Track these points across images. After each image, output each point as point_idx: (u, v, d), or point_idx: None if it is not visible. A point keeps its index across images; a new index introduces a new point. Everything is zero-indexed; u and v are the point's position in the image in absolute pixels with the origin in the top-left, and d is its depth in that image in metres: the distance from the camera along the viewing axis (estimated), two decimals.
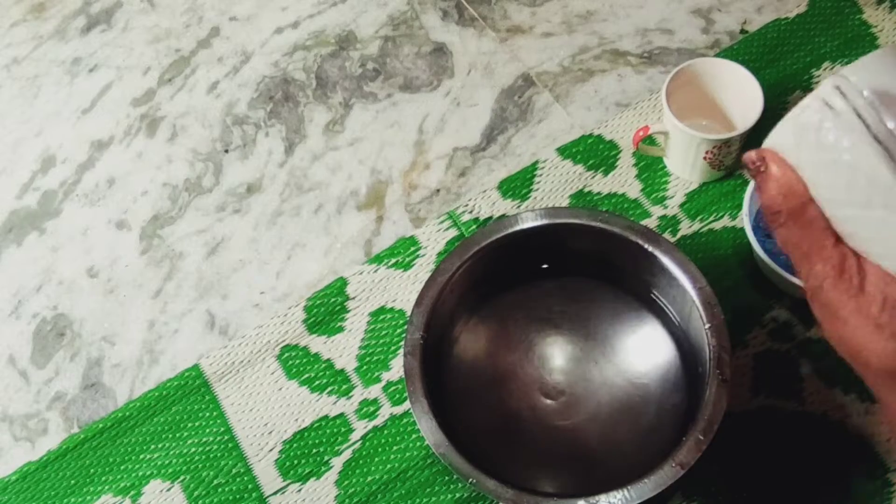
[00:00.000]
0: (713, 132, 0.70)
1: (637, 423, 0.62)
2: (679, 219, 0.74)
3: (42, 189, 0.85)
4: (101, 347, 0.76)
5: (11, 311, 0.79)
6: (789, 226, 0.40)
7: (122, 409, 0.71)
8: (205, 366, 0.72)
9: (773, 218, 0.40)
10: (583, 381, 0.64)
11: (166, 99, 0.89)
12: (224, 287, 0.77)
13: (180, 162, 0.85)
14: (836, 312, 0.39)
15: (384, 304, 0.73)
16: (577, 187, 0.76)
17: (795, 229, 0.39)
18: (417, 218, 0.78)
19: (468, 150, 0.81)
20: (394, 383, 0.70)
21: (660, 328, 0.65)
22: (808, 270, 0.40)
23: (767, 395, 0.65)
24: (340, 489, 0.66)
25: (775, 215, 0.40)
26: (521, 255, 0.66)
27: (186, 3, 0.96)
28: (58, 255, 0.81)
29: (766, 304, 0.69)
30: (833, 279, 0.39)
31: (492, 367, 0.66)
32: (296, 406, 0.70)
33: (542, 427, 0.63)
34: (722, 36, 0.84)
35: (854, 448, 0.63)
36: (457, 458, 0.56)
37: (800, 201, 0.39)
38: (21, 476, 0.70)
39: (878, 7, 0.82)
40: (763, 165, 0.40)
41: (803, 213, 0.39)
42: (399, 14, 0.91)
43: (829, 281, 0.39)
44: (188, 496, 0.67)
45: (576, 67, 0.84)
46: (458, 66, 0.87)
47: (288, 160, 0.83)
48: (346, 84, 0.87)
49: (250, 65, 0.90)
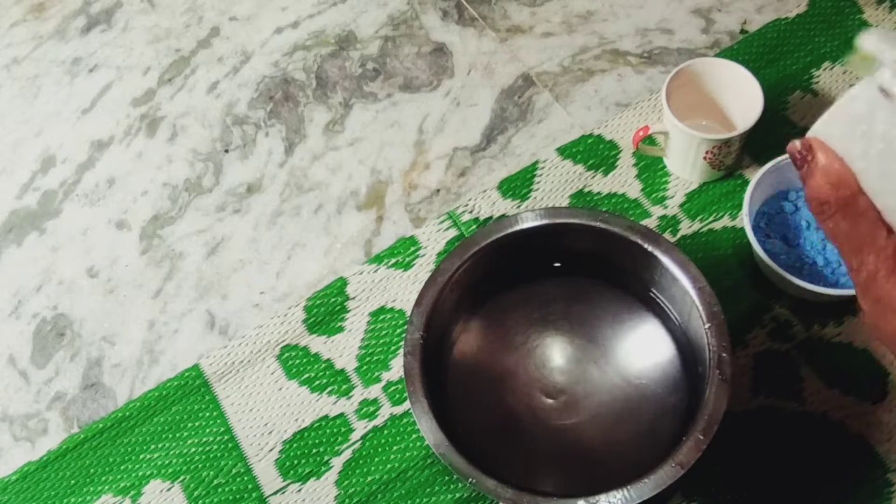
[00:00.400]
0: (713, 132, 0.70)
1: (637, 423, 0.62)
2: (679, 219, 0.74)
3: (42, 189, 0.85)
4: (101, 347, 0.76)
5: (11, 311, 0.79)
6: (838, 217, 0.39)
7: (122, 409, 0.71)
8: (205, 366, 0.72)
9: (822, 209, 0.39)
10: (583, 380, 0.64)
11: (166, 99, 0.89)
12: (224, 287, 0.77)
13: (180, 162, 0.85)
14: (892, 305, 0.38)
15: (384, 304, 0.73)
16: (577, 187, 0.76)
17: (845, 221, 0.39)
18: (417, 218, 0.78)
19: (468, 150, 0.81)
20: (394, 383, 0.70)
21: (660, 328, 0.65)
22: (859, 263, 0.39)
23: (767, 395, 0.65)
24: (340, 489, 0.66)
25: (823, 206, 0.39)
26: (522, 256, 0.66)
27: (186, 3, 0.96)
28: (58, 255, 0.81)
29: (766, 304, 0.69)
30: (887, 272, 0.38)
31: (492, 367, 0.66)
32: (296, 406, 0.70)
33: (542, 427, 0.63)
34: (722, 36, 0.84)
35: (854, 448, 0.63)
36: (457, 458, 0.56)
37: (850, 191, 0.38)
38: (21, 476, 0.70)
39: (878, 7, 0.82)
40: (810, 155, 0.39)
41: (854, 204, 0.38)
42: (399, 14, 0.91)
43: (883, 274, 0.38)
44: (188, 496, 0.67)
45: (576, 67, 0.84)
46: (458, 66, 0.87)
47: (288, 160, 0.83)
48: (346, 84, 0.88)
49: (250, 65, 0.90)
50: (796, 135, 0.75)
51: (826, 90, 0.78)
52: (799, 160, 0.40)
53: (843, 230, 0.39)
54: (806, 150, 0.39)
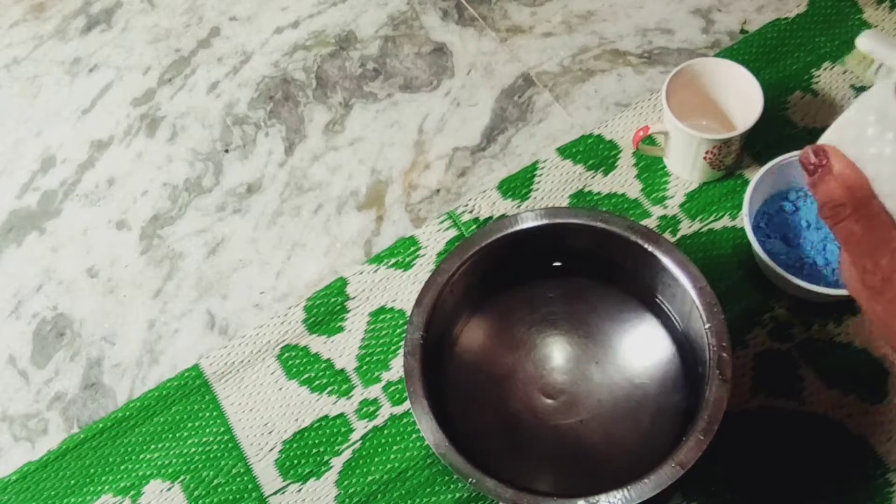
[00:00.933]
0: (713, 132, 0.70)
1: (637, 423, 0.62)
2: (679, 219, 0.74)
3: (42, 189, 0.85)
4: (101, 347, 0.76)
5: (11, 311, 0.79)
6: (852, 220, 0.40)
7: (122, 409, 0.71)
8: (205, 366, 0.72)
9: (837, 211, 0.40)
10: (583, 380, 0.64)
11: (166, 99, 0.89)
12: (224, 287, 0.77)
13: (180, 162, 0.85)
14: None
15: (384, 304, 0.73)
16: (577, 187, 0.76)
17: (860, 223, 0.40)
18: (417, 218, 0.78)
19: (468, 150, 0.81)
20: (394, 383, 0.70)
21: (660, 328, 0.65)
22: (873, 265, 0.40)
23: (767, 395, 0.65)
24: (340, 489, 0.66)
25: (839, 208, 0.40)
26: (522, 256, 0.66)
27: (186, 3, 0.96)
28: (58, 255, 0.81)
29: (766, 304, 0.69)
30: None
31: (492, 366, 0.66)
32: (296, 406, 0.70)
33: (542, 427, 0.63)
34: (722, 36, 0.84)
35: (854, 448, 0.63)
36: (457, 458, 0.56)
37: (864, 194, 0.39)
38: (21, 476, 0.70)
39: (879, 7, 0.82)
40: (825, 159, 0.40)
41: (868, 206, 0.39)
42: (399, 14, 0.91)
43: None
44: (188, 496, 0.67)
45: (576, 67, 0.84)
46: (458, 66, 0.87)
47: (288, 160, 0.83)
48: (346, 84, 0.88)
49: (250, 65, 0.90)
50: (796, 134, 0.76)
51: (826, 90, 0.77)
52: (811, 167, 0.41)
53: (858, 233, 0.40)
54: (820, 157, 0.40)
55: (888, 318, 0.40)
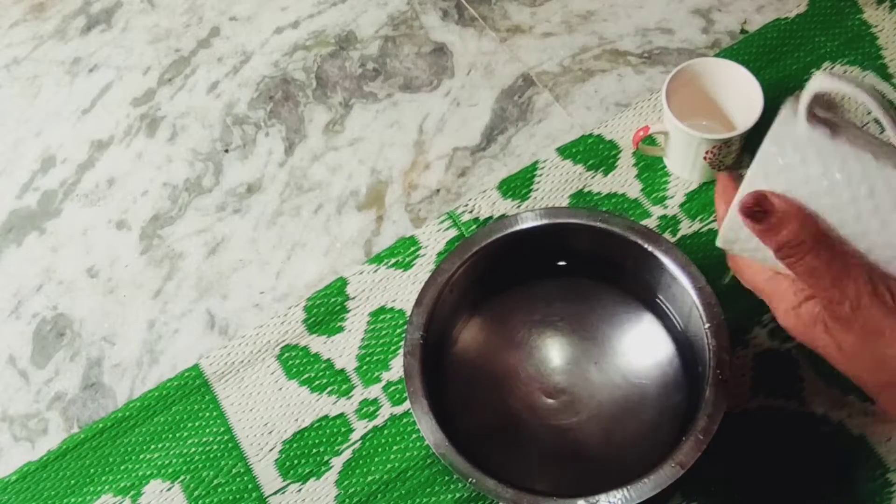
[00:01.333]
0: (713, 132, 0.70)
1: (637, 423, 0.62)
2: (679, 219, 0.74)
3: (42, 189, 0.85)
4: (101, 347, 0.76)
5: (11, 311, 0.79)
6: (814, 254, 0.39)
7: (122, 409, 0.71)
8: (205, 366, 0.72)
9: (799, 248, 0.40)
10: (583, 380, 0.64)
11: (166, 99, 0.89)
12: (224, 287, 0.77)
13: (180, 162, 0.85)
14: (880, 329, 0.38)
15: (384, 304, 0.73)
16: (577, 187, 0.76)
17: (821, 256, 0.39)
18: (417, 218, 0.78)
19: (468, 150, 0.81)
20: (394, 383, 0.70)
21: (660, 328, 0.65)
22: (840, 294, 0.39)
23: (767, 395, 0.65)
24: (340, 489, 0.66)
25: (800, 246, 0.40)
26: (521, 256, 0.66)
27: (186, 3, 0.96)
28: (58, 255, 0.81)
29: (766, 305, 0.69)
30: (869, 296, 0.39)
31: (492, 367, 0.66)
32: (296, 406, 0.70)
33: (542, 427, 0.63)
34: (722, 36, 0.84)
35: (854, 448, 0.63)
36: (457, 458, 0.56)
37: (818, 227, 0.39)
38: (21, 476, 0.70)
39: (878, 7, 0.82)
40: (766, 203, 0.40)
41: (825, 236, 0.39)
42: (399, 14, 0.91)
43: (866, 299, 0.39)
44: (188, 496, 0.67)
45: (576, 67, 0.84)
46: (458, 66, 0.87)
47: (288, 160, 0.83)
48: (346, 84, 0.88)
49: (250, 65, 0.90)
50: None
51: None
52: (759, 214, 0.40)
53: (824, 263, 0.40)
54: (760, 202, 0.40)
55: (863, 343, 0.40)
